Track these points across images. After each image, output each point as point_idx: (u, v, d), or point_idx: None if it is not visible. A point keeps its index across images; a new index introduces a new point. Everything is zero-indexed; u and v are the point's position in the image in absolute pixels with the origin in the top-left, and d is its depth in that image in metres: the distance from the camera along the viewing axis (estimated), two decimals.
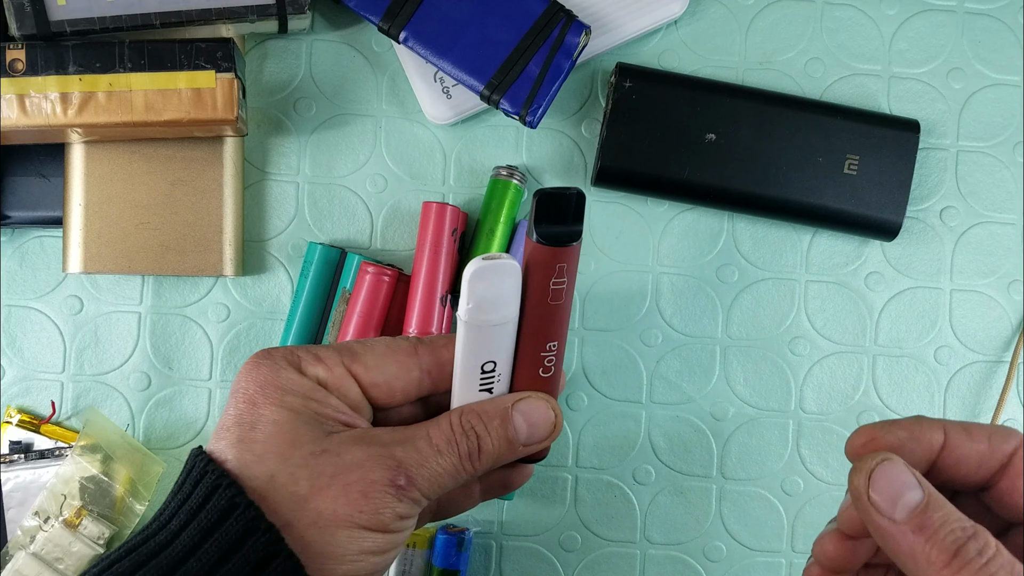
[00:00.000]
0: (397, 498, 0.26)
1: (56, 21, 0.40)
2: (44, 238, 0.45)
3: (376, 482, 0.25)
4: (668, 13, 0.45)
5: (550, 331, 0.27)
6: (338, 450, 0.26)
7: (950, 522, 0.23)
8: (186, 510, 0.25)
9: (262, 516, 0.24)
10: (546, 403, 0.28)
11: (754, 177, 0.44)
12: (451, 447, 0.27)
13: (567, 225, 0.25)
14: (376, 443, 0.26)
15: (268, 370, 0.27)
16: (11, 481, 0.43)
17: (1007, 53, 0.47)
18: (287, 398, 0.26)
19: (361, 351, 0.28)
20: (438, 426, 0.27)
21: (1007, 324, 0.47)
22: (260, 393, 0.26)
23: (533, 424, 0.28)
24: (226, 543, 0.24)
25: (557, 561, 0.46)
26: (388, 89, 0.46)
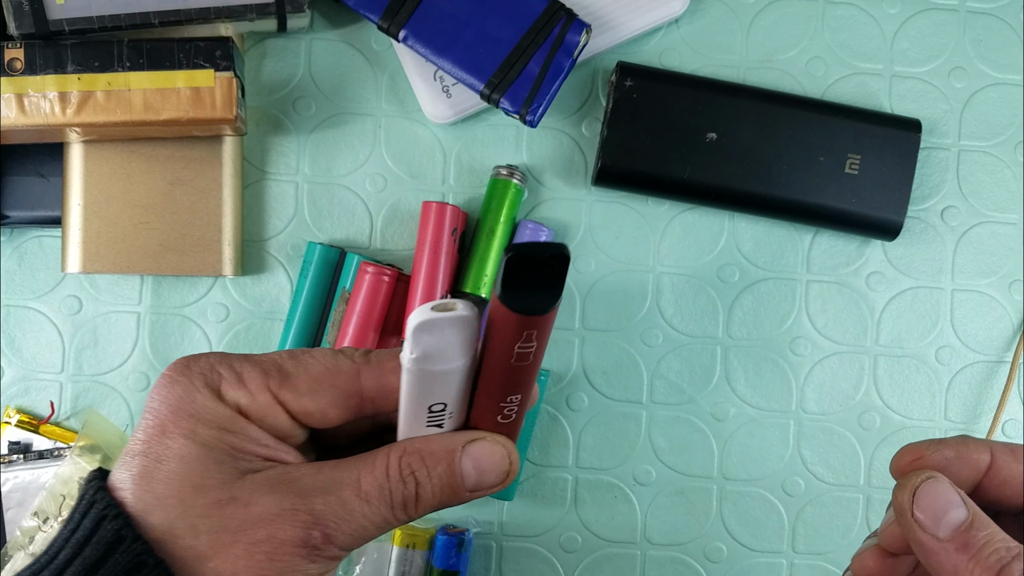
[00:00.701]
0: (309, 559, 0.23)
1: (55, 20, 0.39)
2: (43, 238, 0.45)
3: (285, 543, 0.22)
4: (669, 12, 0.44)
5: (513, 387, 0.24)
6: (247, 499, 0.23)
7: (994, 541, 0.23)
8: (74, 542, 0.23)
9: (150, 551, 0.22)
10: (502, 448, 0.25)
11: (755, 176, 0.44)
12: (383, 497, 0.23)
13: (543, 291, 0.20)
14: (293, 491, 0.23)
15: (182, 392, 0.24)
16: (10, 481, 0.43)
17: (1009, 52, 0.47)
18: (199, 429, 0.23)
19: (294, 372, 0.24)
20: (372, 469, 0.24)
21: (1008, 324, 0.47)
22: (171, 420, 0.23)
23: (483, 470, 0.24)
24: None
25: (557, 562, 0.46)
26: (388, 88, 0.46)
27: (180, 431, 0.23)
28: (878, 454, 0.46)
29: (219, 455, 0.23)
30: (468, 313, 0.22)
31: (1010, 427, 0.46)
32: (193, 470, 0.23)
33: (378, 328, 0.43)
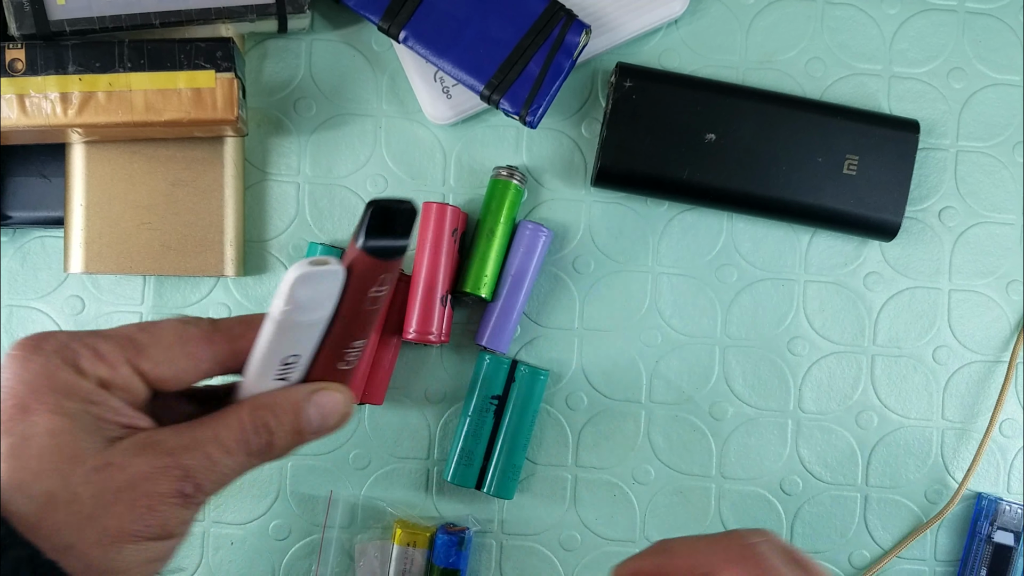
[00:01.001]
0: (184, 507, 0.25)
1: (55, 21, 0.40)
2: (45, 238, 0.45)
3: (163, 495, 0.24)
4: (668, 12, 0.44)
5: (360, 331, 0.28)
6: (122, 462, 0.24)
7: None
8: None
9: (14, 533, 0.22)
10: (342, 395, 0.28)
11: (754, 177, 0.44)
12: (241, 446, 0.26)
13: (396, 238, 0.25)
14: (161, 451, 0.25)
15: (39, 369, 0.24)
16: None
17: (1008, 53, 0.47)
18: (65, 403, 0.24)
19: (147, 342, 0.26)
20: (227, 426, 0.26)
21: (1006, 324, 0.47)
22: (32, 397, 0.24)
23: (325, 415, 0.28)
24: None
25: (557, 560, 0.46)
26: (388, 89, 0.46)
27: (45, 407, 0.24)
28: (876, 453, 0.47)
29: (87, 425, 0.24)
30: (339, 268, 0.25)
31: (1007, 426, 0.47)
32: (65, 442, 0.24)
33: (378, 328, 0.43)
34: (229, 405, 0.27)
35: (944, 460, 0.47)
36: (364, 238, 0.25)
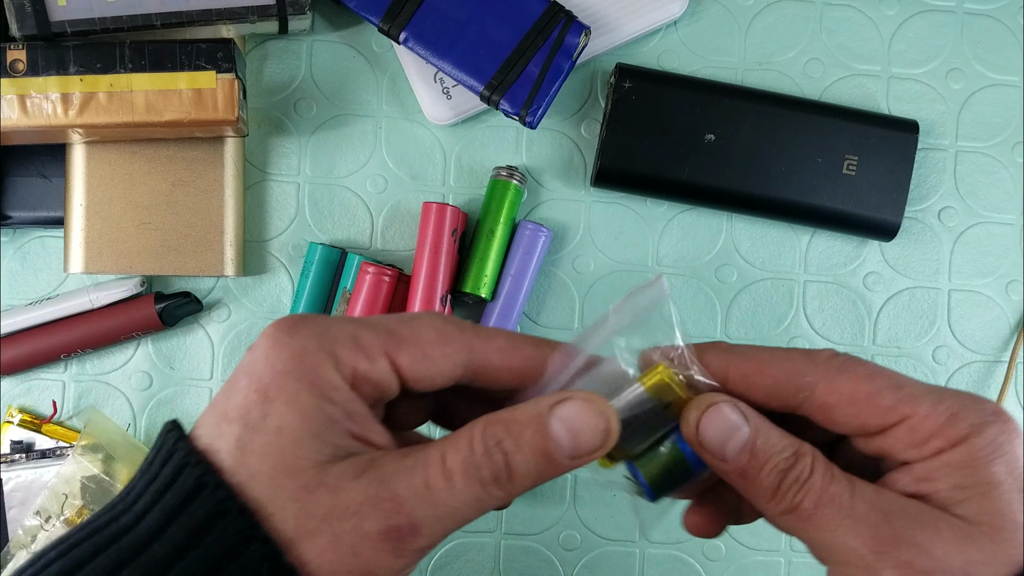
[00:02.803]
0: (394, 554, 0.21)
1: (57, 21, 0.40)
2: (45, 238, 0.45)
3: (370, 535, 0.21)
4: (668, 13, 0.45)
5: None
6: (335, 484, 0.21)
7: (773, 455, 0.23)
8: (152, 491, 0.22)
9: (233, 497, 0.21)
10: (593, 405, 0.23)
11: (753, 177, 0.44)
12: (469, 473, 0.22)
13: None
14: (377, 476, 0.22)
15: (292, 353, 0.22)
16: (12, 481, 0.44)
17: (1006, 53, 0.47)
18: (303, 396, 0.22)
19: (408, 336, 0.23)
20: (455, 447, 0.22)
21: (1005, 324, 0.47)
22: (274, 385, 0.22)
23: (577, 432, 0.22)
24: (193, 526, 0.21)
25: (557, 560, 0.46)
26: (388, 90, 0.46)
27: (283, 397, 0.22)
28: None
29: (316, 427, 0.22)
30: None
31: None
32: (288, 444, 0.22)
33: None
34: (465, 425, 0.23)
35: None
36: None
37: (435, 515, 0.22)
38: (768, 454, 0.23)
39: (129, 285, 0.44)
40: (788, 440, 0.24)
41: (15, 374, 0.45)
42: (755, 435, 0.23)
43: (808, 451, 0.24)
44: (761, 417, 0.24)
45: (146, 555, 0.21)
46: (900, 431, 0.23)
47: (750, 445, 0.23)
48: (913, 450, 0.23)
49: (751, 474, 0.23)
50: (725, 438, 0.24)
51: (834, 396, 0.24)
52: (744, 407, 0.24)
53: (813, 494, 0.23)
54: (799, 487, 0.23)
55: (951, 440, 0.23)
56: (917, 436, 0.23)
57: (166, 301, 0.43)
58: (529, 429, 0.22)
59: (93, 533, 0.22)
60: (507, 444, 0.22)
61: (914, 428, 0.23)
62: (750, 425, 0.24)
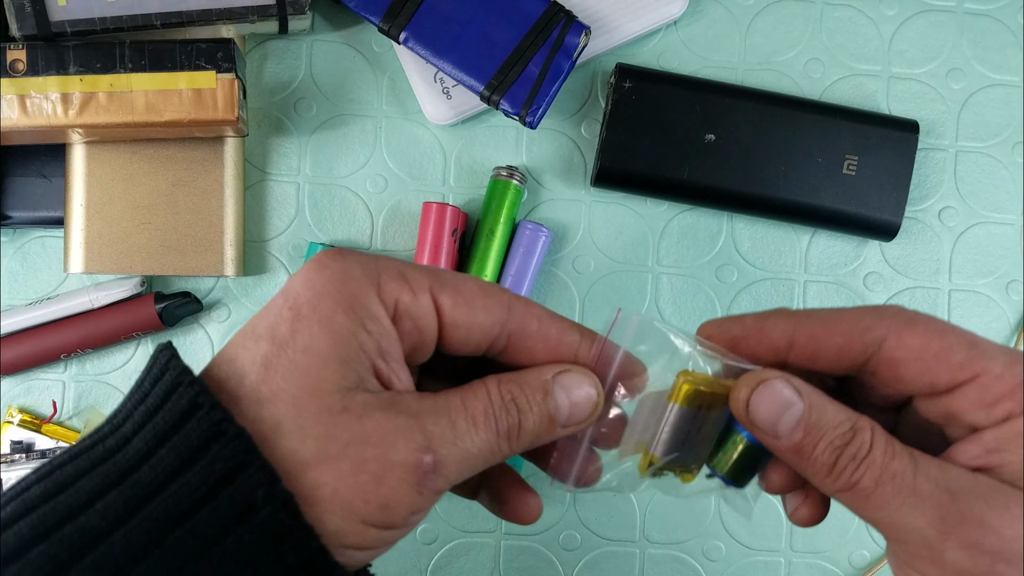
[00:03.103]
0: (417, 490, 0.21)
1: (57, 21, 0.40)
2: (45, 238, 0.45)
3: (395, 465, 0.20)
4: (668, 14, 0.45)
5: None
6: (361, 412, 0.21)
7: (829, 431, 0.22)
8: (140, 412, 0.21)
9: (230, 419, 0.20)
10: (588, 379, 0.24)
11: (753, 177, 0.44)
12: (489, 423, 0.22)
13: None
14: (404, 412, 0.21)
15: (333, 275, 0.22)
16: (12, 480, 0.43)
17: (1006, 53, 0.47)
18: (337, 317, 0.21)
19: (452, 281, 0.23)
20: (474, 395, 0.23)
21: (1006, 324, 0.47)
22: (309, 304, 0.21)
23: (574, 403, 0.24)
24: (185, 449, 0.20)
25: (557, 560, 0.46)
26: (388, 90, 0.46)
27: (316, 316, 0.21)
28: None
29: (346, 352, 0.21)
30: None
31: None
32: (314, 365, 0.21)
33: None
34: (474, 380, 0.24)
35: None
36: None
37: (457, 456, 0.22)
38: (823, 429, 0.22)
39: (129, 285, 0.44)
40: (846, 414, 0.23)
41: (15, 374, 0.45)
42: (809, 410, 0.23)
43: (867, 425, 0.22)
44: (816, 391, 0.23)
45: (132, 479, 0.20)
46: (970, 390, 0.22)
47: (804, 420, 0.22)
48: (982, 412, 0.22)
49: (806, 451, 0.23)
50: (777, 415, 0.23)
51: (902, 350, 0.23)
52: (797, 381, 0.23)
53: (873, 471, 0.22)
54: (857, 464, 0.22)
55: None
56: (988, 396, 0.22)
57: (166, 301, 0.43)
58: (538, 392, 0.23)
59: (76, 455, 0.21)
60: (521, 402, 0.23)
61: (985, 387, 0.22)
62: (804, 400, 0.23)
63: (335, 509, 0.20)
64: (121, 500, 0.19)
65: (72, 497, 0.20)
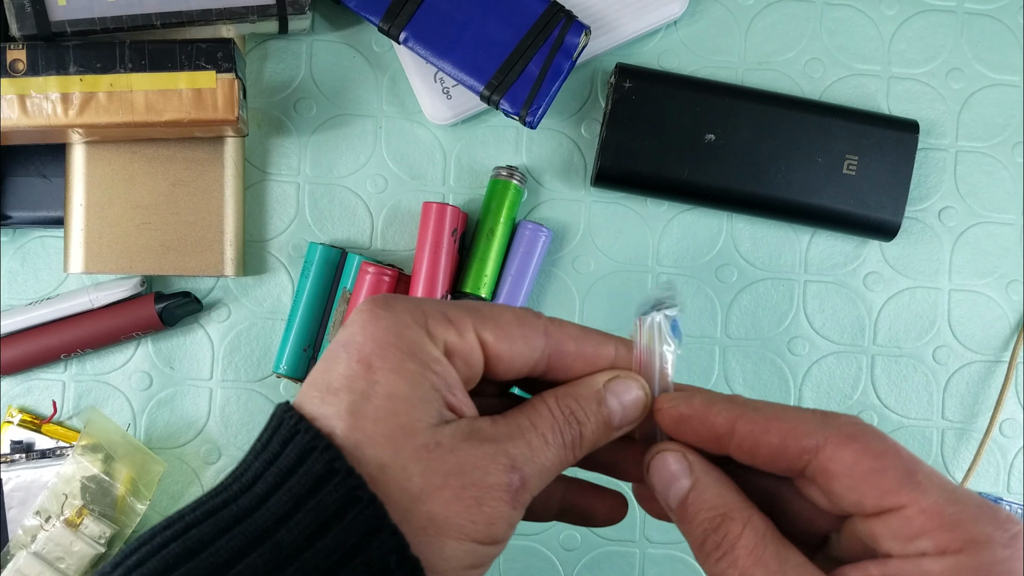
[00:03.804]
0: (512, 506, 0.23)
1: (57, 21, 0.40)
2: (45, 238, 0.45)
3: (492, 487, 0.23)
4: (668, 13, 0.45)
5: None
6: (451, 445, 0.23)
7: (701, 512, 0.24)
8: (274, 473, 0.22)
9: (364, 485, 0.21)
10: (635, 382, 0.26)
11: (753, 177, 0.44)
12: (557, 438, 0.24)
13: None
14: (486, 438, 0.23)
15: (390, 325, 0.23)
16: (12, 481, 0.44)
17: (1006, 53, 0.47)
18: (407, 364, 0.23)
19: (490, 315, 0.25)
20: (538, 414, 0.25)
21: (1006, 324, 0.47)
22: (377, 354, 0.23)
23: (626, 405, 0.25)
24: (322, 514, 0.21)
25: (557, 560, 0.46)
26: (388, 89, 0.46)
27: (388, 365, 0.23)
28: None
29: (424, 394, 0.23)
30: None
31: (1007, 426, 0.47)
32: (401, 409, 0.22)
33: None
34: (529, 400, 0.26)
35: (944, 460, 0.47)
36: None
37: (537, 471, 0.24)
38: (697, 509, 0.24)
39: (129, 285, 0.44)
40: (723, 500, 0.24)
41: (15, 374, 0.45)
42: (692, 487, 0.24)
43: (741, 517, 0.23)
44: (712, 471, 0.24)
45: (272, 541, 0.21)
46: (893, 519, 0.22)
47: (686, 496, 0.24)
48: (899, 543, 0.21)
49: (684, 524, 0.24)
50: (667, 485, 0.25)
51: (835, 464, 0.22)
52: (694, 458, 0.25)
53: (740, 561, 0.23)
54: (721, 553, 0.23)
55: (940, 547, 0.21)
56: (908, 530, 0.21)
57: (166, 301, 0.43)
58: (593, 402, 0.25)
59: (210, 514, 0.22)
60: (579, 415, 0.25)
61: (908, 520, 0.21)
62: (692, 477, 0.24)
63: (449, 533, 0.22)
64: (262, 562, 0.21)
65: (213, 557, 0.21)
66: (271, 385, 0.46)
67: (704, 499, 0.24)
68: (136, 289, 0.44)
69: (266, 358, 0.46)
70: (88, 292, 0.44)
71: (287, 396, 0.46)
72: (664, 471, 0.25)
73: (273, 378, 0.46)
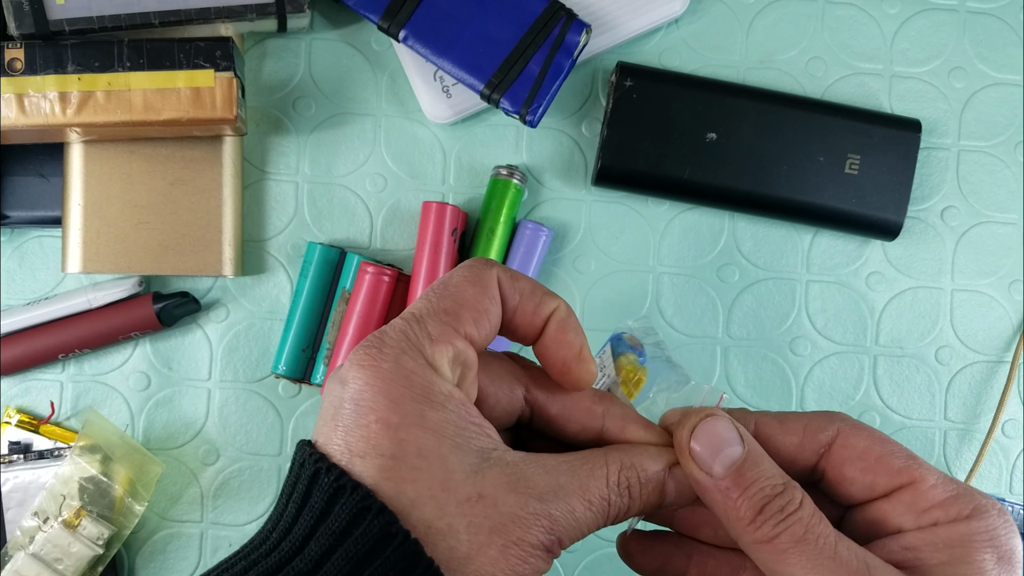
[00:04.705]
0: (546, 561, 0.23)
1: (55, 20, 0.40)
2: (43, 238, 0.45)
3: (534, 546, 0.23)
4: (669, 12, 0.44)
5: None
6: (494, 497, 0.23)
7: (762, 479, 0.24)
8: (326, 534, 0.22)
9: (421, 551, 0.21)
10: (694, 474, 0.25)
11: (755, 177, 0.44)
12: (603, 508, 0.24)
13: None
14: (532, 494, 0.23)
15: (395, 376, 0.23)
16: (10, 481, 0.43)
17: (1008, 52, 0.47)
18: (428, 415, 0.23)
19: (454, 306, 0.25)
20: (595, 479, 0.24)
21: (1008, 324, 0.47)
22: (394, 411, 0.22)
23: (681, 493, 0.25)
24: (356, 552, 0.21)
25: (557, 562, 0.46)
26: (388, 88, 0.46)
27: (409, 420, 0.22)
28: None
29: (452, 440, 0.23)
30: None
31: (1010, 427, 0.47)
32: (435, 464, 0.22)
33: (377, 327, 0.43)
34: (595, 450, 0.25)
35: (947, 461, 0.46)
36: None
37: (573, 535, 0.24)
38: (756, 476, 0.24)
39: (127, 285, 0.44)
40: (781, 471, 0.24)
41: (13, 374, 0.45)
42: (747, 454, 0.24)
43: (799, 488, 0.24)
44: (758, 445, 0.25)
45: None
46: (905, 494, 0.24)
47: (740, 463, 0.24)
48: (912, 516, 0.24)
49: (733, 494, 0.24)
50: (716, 450, 0.24)
51: (848, 450, 0.25)
52: (743, 428, 0.25)
53: (796, 528, 0.23)
54: (783, 516, 0.23)
55: (951, 515, 0.23)
56: (921, 503, 0.24)
57: (164, 301, 0.43)
58: (653, 483, 0.25)
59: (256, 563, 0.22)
60: (634, 491, 0.25)
61: (920, 494, 0.24)
62: (745, 445, 0.24)
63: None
64: None
65: None
66: (270, 385, 0.45)
67: (763, 467, 0.24)
68: (134, 289, 0.44)
69: (265, 358, 0.45)
70: (86, 292, 0.43)
71: (286, 396, 0.45)
72: (717, 436, 0.24)
73: (272, 378, 0.45)
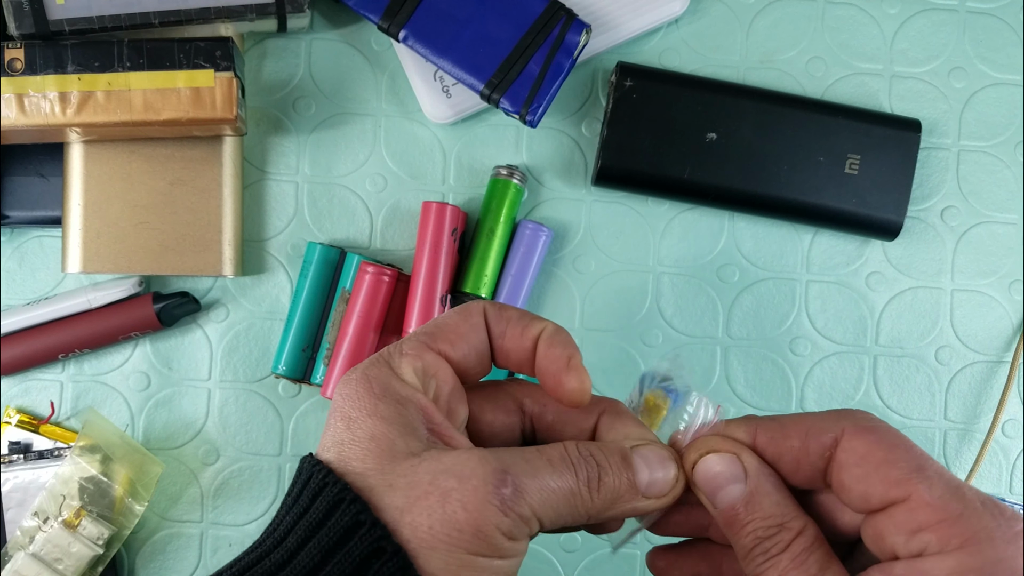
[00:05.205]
0: (502, 511, 0.22)
1: (55, 20, 0.40)
2: (43, 238, 0.45)
3: (477, 488, 0.22)
4: (669, 12, 0.44)
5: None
6: (437, 456, 0.23)
7: (757, 520, 0.23)
8: (304, 526, 0.23)
9: (389, 537, 0.22)
10: (668, 454, 0.25)
11: (755, 177, 0.44)
12: (566, 464, 0.23)
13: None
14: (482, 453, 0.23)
15: (358, 379, 0.25)
16: (10, 481, 0.43)
17: (1009, 52, 0.47)
18: (380, 406, 0.24)
19: (435, 327, 0.26)
20: (550, 445, 0.24)
21: (1008, 324, 0.47)
22: (353, 408, 0.24)
23: (654, 471, 0.24)
24: (349, 565, 0.22)
25: (557, 562, 0.46)
26: (388, 88, 0.46)
27: (364, 412, 0.24)
28: None
29: (402, 428, 0.23)
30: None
31: (1010, 427, 0.47)
32: (384, 445, 0.23)
33: (378, 328, 0.43)
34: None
35: (947, 461, 0.46)
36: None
37: (536, 486, 0.23)
38: (751, 517, 0.23)
39: (127, 285, 0.44)
40: (782, 509, 0.23)
41: (13, 374, 0.45)
42: (750, 494, 0.23)
43: (796, 526, 0.23)
44: (769, 477, 0.24)
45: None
46: (898, 512, 0.22)
47: (740, 502, 0.23)
48: (902, 537, 0.21)
49: (733, 530, 0.24)
50: (717, 487, 0.24)
51: (847, 453, 0.23)
52: (750, 461, 0.24)
53: (777, 568, 0.23)
54: (765, 559, 0.23)
55: (942, 541, 0.20)
56: (911, 522, 0.21)
57: (164, 301, 0.43)
58: (616, 455, 0.24)
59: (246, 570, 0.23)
60: (599, 458, 0.24)
61: (912, 511, 0.21)
62: (748, 483, 0.24)
63: (437, 544, 0.22)
64: None
65: None
66: (270, 385, 0.45)
67: (761, 508, 0.23)
68: (134, 289, 0.44)
69: (265, 358, 0.45)
70: (86, 292, 0.43)
71: (286, 396, 0.45)
72: (710, 474, 0.24)
73: (272, 378, 0.45)
